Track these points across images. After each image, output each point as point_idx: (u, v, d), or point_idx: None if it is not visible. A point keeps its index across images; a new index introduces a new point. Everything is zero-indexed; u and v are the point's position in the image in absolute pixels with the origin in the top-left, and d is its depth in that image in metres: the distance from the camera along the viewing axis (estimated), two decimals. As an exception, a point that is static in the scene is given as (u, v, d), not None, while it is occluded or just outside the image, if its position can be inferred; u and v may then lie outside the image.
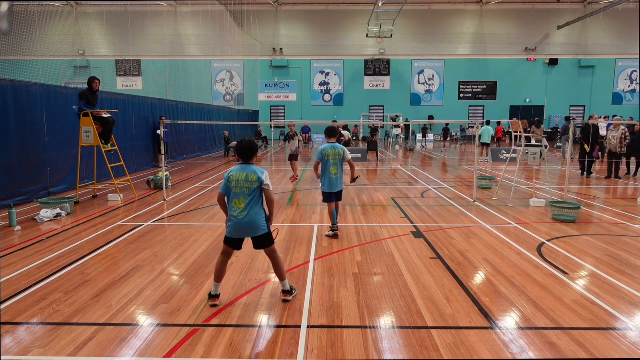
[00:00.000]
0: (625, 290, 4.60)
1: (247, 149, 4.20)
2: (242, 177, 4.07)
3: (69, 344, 3.49)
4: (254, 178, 4.06)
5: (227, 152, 20.63)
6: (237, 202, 4.08)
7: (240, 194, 4.07)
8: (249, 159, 4.22)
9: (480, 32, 33.42)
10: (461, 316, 3.97)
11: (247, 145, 4.20)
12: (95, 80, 9.13)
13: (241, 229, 4.12)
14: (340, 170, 6.64)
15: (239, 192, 4.07)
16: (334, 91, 34.56)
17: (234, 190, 4.09)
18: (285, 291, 4.31)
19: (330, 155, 6.55)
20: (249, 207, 4.06)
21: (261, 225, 4.13)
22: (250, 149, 4.20)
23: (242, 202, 4.06)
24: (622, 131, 12.60)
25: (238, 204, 4.07)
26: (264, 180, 4.07)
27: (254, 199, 4.08)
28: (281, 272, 4.32)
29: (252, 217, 4.08)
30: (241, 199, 4.06)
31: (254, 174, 4.08)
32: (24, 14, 14.41)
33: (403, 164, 17.39)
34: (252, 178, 4.06)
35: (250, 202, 4.06)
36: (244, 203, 4.06)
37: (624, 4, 28.84)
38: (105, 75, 31.56)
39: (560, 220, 7.63)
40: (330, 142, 6.65)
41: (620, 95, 34.06)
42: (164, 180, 9.86)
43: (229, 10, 29.61)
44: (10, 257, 5.66)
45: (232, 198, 4.11)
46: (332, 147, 6.58)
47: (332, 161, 6.55)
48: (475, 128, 11.99)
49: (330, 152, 6.55)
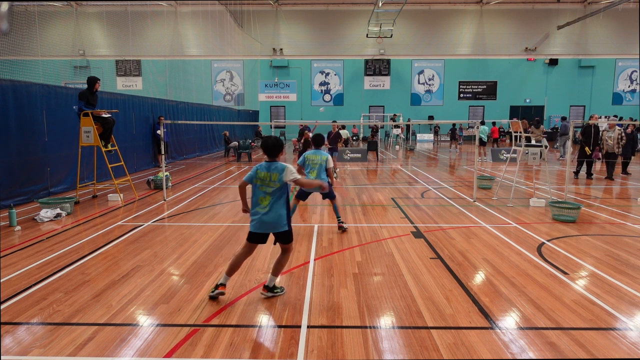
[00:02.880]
0: (625, 290, 4.60)
1: (272, 146, 4.27)
2: (267, 176, 4.18)
3: (69, 344, 3.49)
4: (276, 178, 4.16)
5: (227, 152, 20.62)
6: (262, 200, 4.19)
7: (264, 192, 4.18)
8: (275, 157, 4.28)
9: (480, 32, 33.43)
10: (461, 316, 3.97)
11: (272, 143, 4.27)
12: (97, 81, 9.12)
13: (264, 225, 4.22)
14: (319, 175, 6.79)
15: (263, 190, 4.19)
16: (334, 91, 34.57)
17: (259, 187, 4.21)
18: (266, 286, 4.37)
19: (311, 161, 6.84)
20: (272, 205, 4.17)
21: (282, 223, 4.21)
22: (276, 146, 4.28)
23: (266, 199, 4.18)
24: (618, 131, 12.60)
25: (263, 201, 4.19)
26: (284, 178, 4.14)
27: (276, 197, 4.18)
28: (278, 269, 4.38)
29: (275, 215, 4.18)
30: (267, 197, 4.18)
31: (276, 173, 4.16)
32: (24, 14, 14.41)
33: (403, 164, 17.39)
34: (275, 178, 4.16)
35: (273, 201, 4.17)
36: (267, 201, 4.17)
37: (624, 4, 28.85)
38: (105, 75, 31.57)
39: (560, 220, 7.63)
40: (315, 150, 6.95)
41: (620, 95, 34.06)
42: (164, 180, 9.86)
43: (229, 10, 29.62)
44: (10, 257, 5.66)
45: (257, 195, 4.23)
46: (315, 153, 6.88)
47: (312, 166, 6.82)
48: (475, 128, 12.00)
49: (312, 157, 6.85)
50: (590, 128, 12.85)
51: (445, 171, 15.24)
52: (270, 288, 4.37)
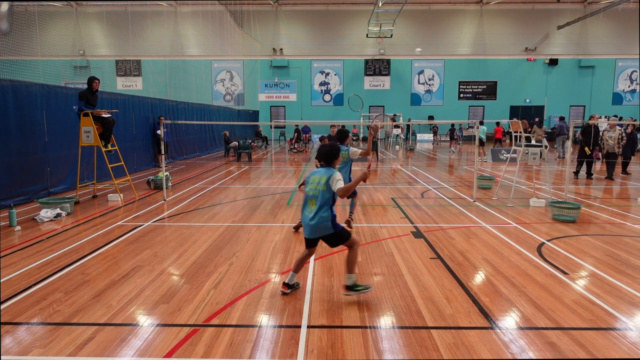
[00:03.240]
0: (625, 290, 4.60)
1: (326, 153, 4.37)
2: (316, 179, 4.29)
3: (69, 344, 3.49)
4: (323, 180, 4.22)
5: (227, 152, 20.62)
6: (309, 203, 4.31)
7: (311, 196, 4.28)
8: (330, 164, 4.37)
9: (480, 32, 33.43)
10: (461, 316, 3.97)
11: (326, 150, 4.38)
12: (95, 80, 9.13)
13: (310, 230, 4.30)
14: (345, 172, 6.70)
15: (310, 194, 4.30)
16: (334, 91, 34.57)
17: (307, 191, 4.33)
18: (347, 286, 4.30)
19: None
20: (317, 209, 4.21)
21: (327, 226, 4.22)
22: (328, 154, 4.38)
23: (312, 203, 4.26)
24: (619, 131, 12.58)
25: (310, 205, 4.30)
26: (330, 183, 4.18)
27: (321, 202, 4.20)
28: (350, 266, 4.32)
29: (317, 220, 4.20)
30: (312, 201, 4.27)
31: (324, 176, 4.24)
32: (24, 14, 14.39)
33: (403, 164, 17.40)
34: (322, 181, 4.22)
35: (318, 205, 4.21)
36: (314, 205, 4.24)
37: (624, 4, 28.85)
38: (105, 75, 31.57)
39: (560, 220, 7.63)
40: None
41: (620, 95, 34.06)
42: (164, 180, 9.86)
43: (229, 10, 29.61)
44: (10, 257, 5.66)
45: (305, 199, 4.36)
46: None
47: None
48: (475, 128, 11.99)
49: None
50: (590, 128, 12.83)
51: (445, 171, 15.24)
52: (351, 287, 4.29)
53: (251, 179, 13.25)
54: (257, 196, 10.16)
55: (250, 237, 6.64)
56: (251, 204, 9.19)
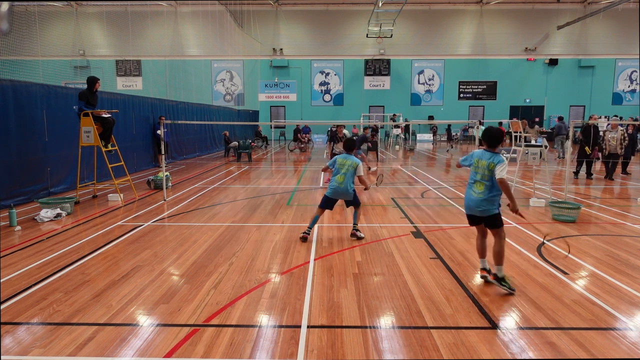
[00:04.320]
0: (625, 290, 4.60)
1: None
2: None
3: (69, 344, 3.49)
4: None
5: (227, 152, 20.62)
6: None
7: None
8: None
9: (480, 32, 33.42)
10: (461, 316, 3.97)
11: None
12: (96, 81, 9.12)
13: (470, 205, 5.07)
14: (346, 181, 6.43)
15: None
16: (334, 91, 34.56)
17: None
18: (496, 275, 4.56)
19: (340, 165, 6.48)
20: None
21: (492, 209, 4.98)
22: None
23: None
24: (621, 132, 12.56)
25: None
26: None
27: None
28: (500, 256, 4.58)
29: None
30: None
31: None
32: (24, 14, 14.39)
33: (403, 164, 17.39)
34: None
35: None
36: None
37: (624, 4, 28.84)
38: (105, 75, 31.55)
39: (560, 220, 7.63)
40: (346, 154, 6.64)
41: (620, 95, 34.06)
42: (164, 180, 9.87)
43: (229, 10, 29.60)
44: (10, 257, 5.66)
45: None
46: (346, 157, 6.53)
47: (340, 169, 6.46)
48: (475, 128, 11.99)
49: (341, 162, 6.49)
50: (590, 128, 12.83)
51: (445, 171, 15.24)
52: (501, 279, 4.52)
53: (251, 179, 13.25)
54: (257, 196, 10.16)
55: (250, 237, 6.64)
56: (251, 204, 9.19)
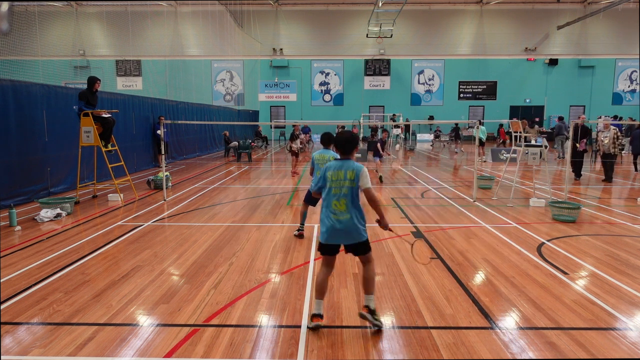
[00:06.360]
0: (625, 290, 4.60)
1: (345, 141, 3.77)
2: (340, 175, 3.69)
3: (69, 344, 3.49)
4: (351, 176, 3.64)
5: (227, 152, 20.63)
6: (335, 204, 3.69)
7: (340, 195, 3.66)
8: (349, 154, 3.80)
9: (480, 32, 33.42)
10: (461, 316, 3.97)
11: (346, 138, 3.78)
12: (96, 81, 9.12)
13: (343, 235, 3.68)
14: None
15: (337, 192, 3.68)
16: (334, 91, 34.56)
17: (331, 190, 3.72)
18: (367, 306, 3.68)
19: (319, 161, 6.21)
20: (349, 209, 3.65)
21: (361, 230, 3.68)
22: (349, 141, 3.77)
23: (342, 203, 3.65)
24: (614, 131, 12.49)
25: (337, 205, 3.68)
26: (360, 178, 3.62)
27: (352, 201, 3.65)
28: (372, 283, 3.75)
29: (352, 223, 3.63)
30: (342, 200, 3.64)
31: (351, 171, 3.66)
32: (24, 14, 14.40)
33: (403, 164, 17.39)
34: (350, 176, 3.65)
35: (350, 204, 3.65)
36: (344, 205, 3.64)
37: (624, 4, 28.83)
38: (105, 75, 31.55)
39: (560, 220, 7.63)
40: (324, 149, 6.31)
41: (620, 95, 34.06)
42: (164, 180, 9.86)
43: (229, 10, 29.60)
44: (10, 257, 5.66)
45: (328, 200, 3.74)
46: (323, 152, 6.25)
47: (321, 167, 6.28)
48: (475, 128, 12.00)
49: (319, 157, 6.22)
50: (577, 127, 12.88)
51: (445, 171, 15.24)
52: (372, 311, 3.68)
53: (251, 179, 13.25)
54: (257, 196, 10.16)
55: (250, 237, 6.64)
56: (251, 204, 9.19)
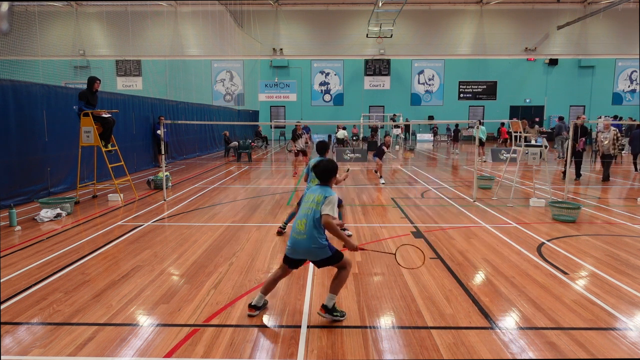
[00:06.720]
0: (625, 290, 4.60)
1: (323, 170, 3.89)
2: (310, 197, 3.85)
3: (69, 344, 3.49)
4: (319, 199, 3.76)
5: (227, 152, 20.63)
6: (299, 223, 3.82)
7: (303, 215, 3.82)
8: (326, 182, 3.92)
9: (480, 32, 33.42)
10: (461, 316, 3.97)
11: (324, 167, 3.90)
12: (96, 80, 9.13)
13: (303, 251, 3.81)
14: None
15: (302, 212, 3.85)
16: (334, 91, 34.56)
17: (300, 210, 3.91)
18: (325, 306, 3.84)
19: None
20: (308, 229, 3.74)
21: (324, 248, 3.76)
22: (327, 170, 3.89)
23: (303, 223, 3.78)
24: (614, 132, 12.48)
25: (299, 225, 3.81)
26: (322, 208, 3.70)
27: (313, 222, 3.73)
28: (337, 286, 3.88)
29: (312, 242, 3.73)
30: (303, 220, 3.78)
31: (320, 195, 3.79)
32: (24, 14, 14.40)
33: (403, 164, 17.39)
34: (318, 199, 3.77)
35: (310, 225, 3.74)
36: (303, 225, 3.76)
37: (624, 4, 28.84)
38: (105, 75, 31.55)
39: (560, 220, 7.63)
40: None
41: (620, 95, 34.06)
42: (164, 180, 9.86)
43: (229, 10, 29.60)
44: (10, 257, 5.66)
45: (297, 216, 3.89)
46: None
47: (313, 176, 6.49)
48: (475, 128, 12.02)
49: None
50: (577, 127, 12.87)
51: (445, 171, 15.24)
52: (330, 309, 3.83)
53: (251, 179, 13.25)
54: (257, 196, 10.16)
55: (250, 237, 6.64)
56: (251, 204, 9.19)
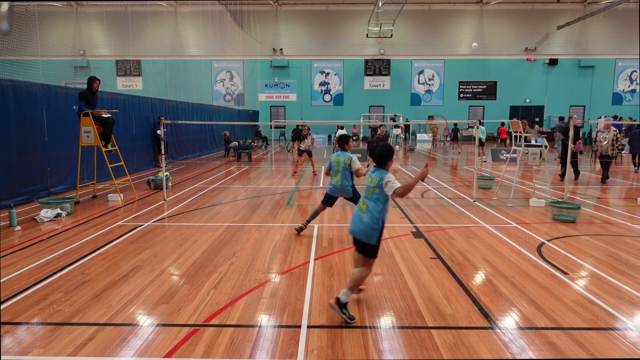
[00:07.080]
0: (625, 290, 4.60)
1: (380, 154, 4.10)
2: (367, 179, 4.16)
3: (69, 344, 3.49)
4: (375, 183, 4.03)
5: (227, 152, 20.63)
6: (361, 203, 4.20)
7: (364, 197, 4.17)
8: (382, 165, 4.09)
9: (480, 32, 33.42)
10: (461, 316, 3.97)
11: (380, 152, 4.10)
12: (95, 80, 9.14)
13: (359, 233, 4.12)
14: (343, 179, 6.47)
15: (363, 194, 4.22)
16: (334, 91, 34.56)
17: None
18: (338, 298, 3.84)
19: (335, 163, 6.52)
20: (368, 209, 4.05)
21: (374, 232, 4.01)
22: (383, 154, 4.10)
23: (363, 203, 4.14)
24: (614, 133, 12.44)
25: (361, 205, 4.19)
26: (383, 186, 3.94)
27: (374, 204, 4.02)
28: (356, 283, 3.99)
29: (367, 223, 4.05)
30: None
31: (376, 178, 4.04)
32: (24, 14, 14.40)
33: (403, 164, 17.39)
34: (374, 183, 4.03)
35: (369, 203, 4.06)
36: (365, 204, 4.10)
37: (624, 4, 28.84)
38: (105, 75, 31.56)
39: (560, 220, 7.63)
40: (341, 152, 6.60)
41: (620, 95, 34.06)
42: (164, 180, 9.86)
43: (229, 10, 29.61)
44: (10, 257, 5.66)
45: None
46: (340, 154, 6.54)
47: (335, 168, 6.54)
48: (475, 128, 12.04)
49: (336, 159, 6.52)
50: (568, 127, 12.83)
51: (445, 171, 15.24)
52: (342, 304, 3.82)
53: (251, 179, 13.25)
54: (257, 196, 10.16)
55: (250, 237, 6.64)
56: (251, 204, 9.19)
